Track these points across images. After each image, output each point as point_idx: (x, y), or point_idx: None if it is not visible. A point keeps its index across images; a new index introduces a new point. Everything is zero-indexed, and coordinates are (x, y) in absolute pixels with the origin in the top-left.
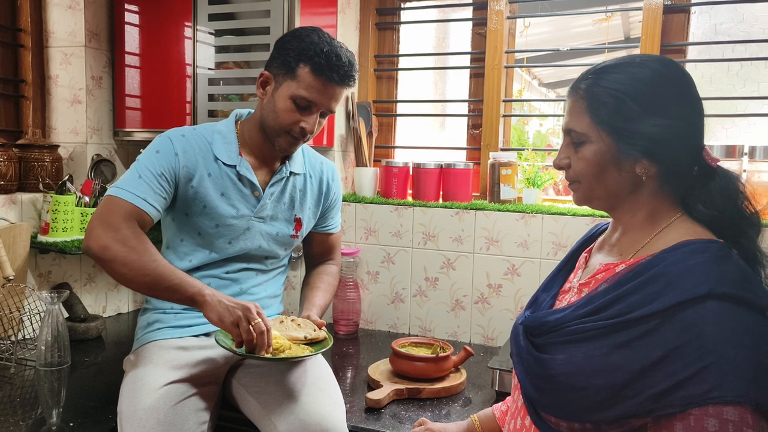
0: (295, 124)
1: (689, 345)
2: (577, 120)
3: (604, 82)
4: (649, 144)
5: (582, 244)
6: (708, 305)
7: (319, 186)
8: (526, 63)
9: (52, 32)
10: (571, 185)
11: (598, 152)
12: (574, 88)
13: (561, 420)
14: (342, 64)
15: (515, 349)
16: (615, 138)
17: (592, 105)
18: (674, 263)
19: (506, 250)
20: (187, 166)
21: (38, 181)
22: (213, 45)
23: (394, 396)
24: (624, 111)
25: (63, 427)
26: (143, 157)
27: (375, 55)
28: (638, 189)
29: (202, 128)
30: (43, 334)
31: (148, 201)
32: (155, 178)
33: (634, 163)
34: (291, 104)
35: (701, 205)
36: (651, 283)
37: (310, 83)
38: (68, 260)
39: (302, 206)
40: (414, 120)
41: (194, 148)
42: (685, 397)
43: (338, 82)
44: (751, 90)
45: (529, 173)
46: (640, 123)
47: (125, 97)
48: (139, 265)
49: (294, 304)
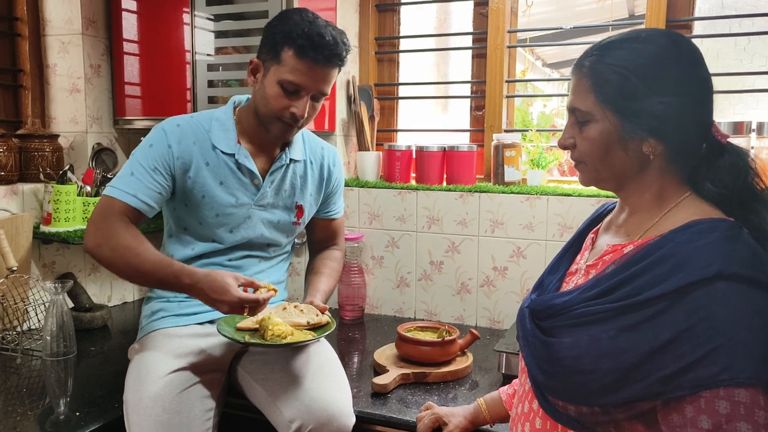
0: (285, 110)
1: (698, 327)
2: (581, 99)
3: (608, 59)
4: (656, 122)
5: (588, 225)
6: (717, 286)
7: (320, 172)
8: (529, 42)
9: (49, 20)
10: (576, 166)
11: (603, 132)
12: (578, 66)
13: (568, 403)
14: (325, 44)
15: (521, 333)
16: (620, 117)
17: (597, 83)
18: (682, 244)
19: (511, 232)
20: (182, 158)
21: (39, 172)
22: (211, 30)
23: (400, 380)
24: (629, 89)
25: (71, 416)
26: (137, 152)
27: (375, 37)
28: (645, 168)
29: (199, 116)
30: (48, 325)
31: (139, 198)
32: (148, 173)
33: (641, 143)
34: (279, 90)
35: (710, 183)
36: (659, 264)
37: (294, 66)
38: (72, 250)
39: (303, 193)
40: (416, 103)
41: (189, 138)
42: (695, 379)
43: (324, 63)
44: (758, 65)
45: (533, 154)
46: (645, 101)
47: (124, 85)
48: (123, 264)
49: (298, 290)
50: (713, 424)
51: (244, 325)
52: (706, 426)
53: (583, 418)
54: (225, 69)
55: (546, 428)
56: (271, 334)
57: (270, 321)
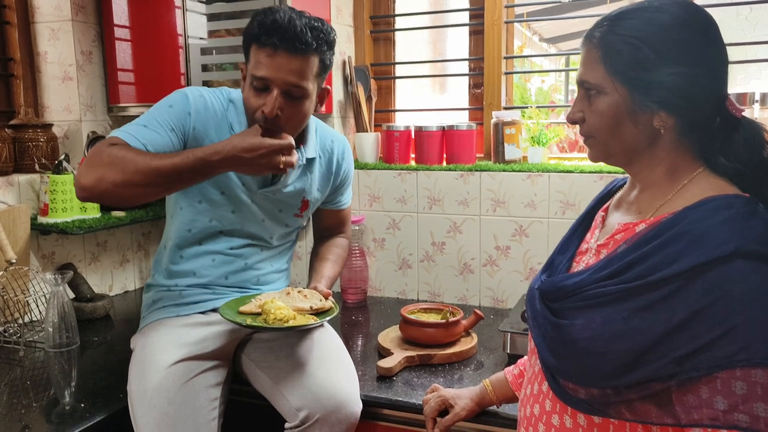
0: (257, 110)
1: (714, 306)
2: (591, 71)
3: (619, 29)
4: (667, 94)
5: (598, 202)
6: (734, 264)
7: (328, 165)
8: (526, 17)
9: (38, 7)
10: (586, 141)
11: (612, 104)
12: (588, 37)
13: (579, 386)
14: (279, 27)
15: (531, 314)
16: (630, 89)
17: (607, 54)
18: (697, 221)
19: (513, 211)
20: (198, 129)
21: (34, 162)
22: (204, 13)
23: (405, 363)
24: (640, 59)
25: (76, 407)
26: (154, 109)
27: (371, 16)
28: (656, 143)
29: (219, 92)
30: (49, 316)
31: (149, 148)
32: (164, 129)
33: (651, 116)
34: (251, 89)
35: (724, 158)
36: (673, 242)
37: (258, 59)
38: (71, 240)
39: (311, 188)
40: (414, 82)
41: (210, 111)
42: (711, 359)
43: (286, 49)
44: (761, 34)
45: (533, 131)
46: (656, 72)
47: (117, 72)
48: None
49: (301, 275)
50: (729, 404)
51: (246, 309)
52: (722, 407)
53: (594, 400)
54: (219, 52)
55: (556, 410)
56: (274, 317)
57: (273, 305)
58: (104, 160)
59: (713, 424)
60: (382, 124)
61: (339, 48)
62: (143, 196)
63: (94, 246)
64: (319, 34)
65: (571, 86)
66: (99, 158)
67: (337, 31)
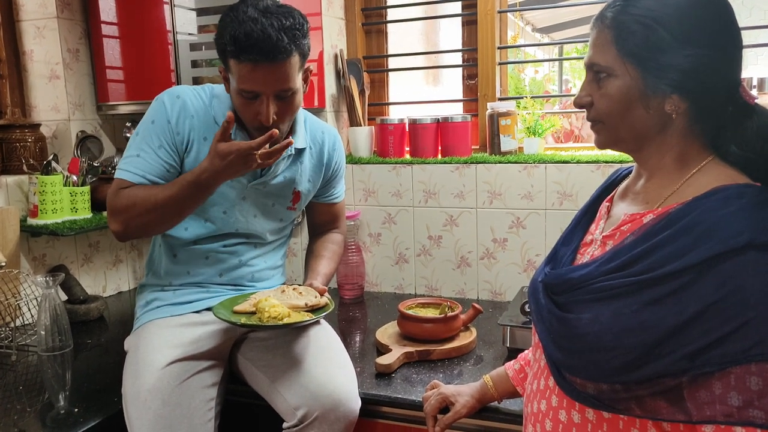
0: (254, 119)
1: (728, 300)
2: (601, 52)
3: (633, 9)
4: (681, 77)
5: (602, 192)
6: (748, 256)
7: (319, 157)
8: (519, 6)
9: (22, 5)
10: (593, 126)
11: (623, 87)
12: (600, 18)
13: (588, 381)
14: (254, 42)
15: (534, 308)
16: (642, 71)
17: (619, 35)
18: (709, 211)
19: (510, 202)
20: (181, 133)
21: (22, 163)
22: (192, 8)
23: (404, 359)
24: (654, 41)
25: (70, 411)
26: (141, 130)
27: (362, 8)
28: (666, 129)
29: (201, 90)
30: (41, 319)
31: (148, 178)
32: (154, 152)
33: (663, 100)
34: (240, 99)
35: (735, 147)
36: (683, 234)
37: (241, 74)
38: (62, 242)
39: (302, 180)
40: (407, 74)
41: (189, 111)
42: (724, 354)
43: (266, 60)
44: (757, 19)
45: (529, 122)
46: (670, 53)
47: (105, 70)
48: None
49: (296, 272)
50: (744, 400)
51: (240, 308)
52: (737, 403)
53: (602, 396)
54: (208, 48)
55: (563, 406)
56: (268, 315)
57: (267, 303)
58: (120, 207)
59: (727, 420)
60: (376, 118)
61: (330, 41)
62: (168, 226)
63: (86, 247)
64: (294, 32)
65: (565, 76)
66: (115, 206)
67: (329, 24)
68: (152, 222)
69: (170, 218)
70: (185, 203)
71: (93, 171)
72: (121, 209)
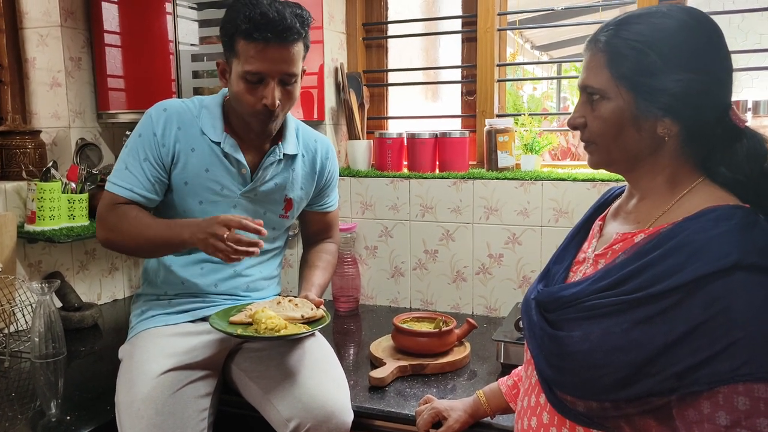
0: (257, 103)
1: (716, 320)
2: (594, 75)
3: (625, 34)
4: (672, 101)
5: (594, 211)
6: (736, 277)
7: (312, 165)
8: (518, 24)
9: (26, 12)
10: (586, 147)
11: (616, 110)
12: (593, 41)
13: (578, 399)
14: (270, 21)
15: (527, 325)
16: (635, 94)
17: (612, 58)
18: (698, 232)
19: (506, 218)
20: (167, 145)
21: (21, 169)
22: (195, 20)
23: (397, 373)
24: (646, 65)
25: (62, 420)
26: (129, 143)
27: (363, 23)
28: (658, 150)
29: (190, 101)
30: (35, 326)
31: (135, 191)
32: (140, 165)
33: (655, 122)
34: (244, 84)
35: (725, 169)
36: (673, 254)
37: (248, 54)
38: (58, 249)
39: (293, 187)
40: (406, 89)
41: (174, 124)
42: (712, 374)
43: (277, 41)
44: (753, 42)
45: (526, 139)
46: (662, 77)
47: (107, 78)
48: (131, 244)
49: (292, 283)
50: (732, 420)
51: (237, 319)
52: (725, 422)
53: (592, 414)
54: (210, 59)
55: (553, 423)
56: (264, 327)
57: (263, 314)
58: (110, 223)
59: None
60: (375, 131)
61: (331, 55)
62: (142, 255)
63: (83, 254)
64: (304, 21)
65: (563, 93)
66: (106, 220)
67: (330, 37)
68: (129, 248)
69: (144, 252)
70: (160, 248)
71: (92, 179)
72: (110, 226)
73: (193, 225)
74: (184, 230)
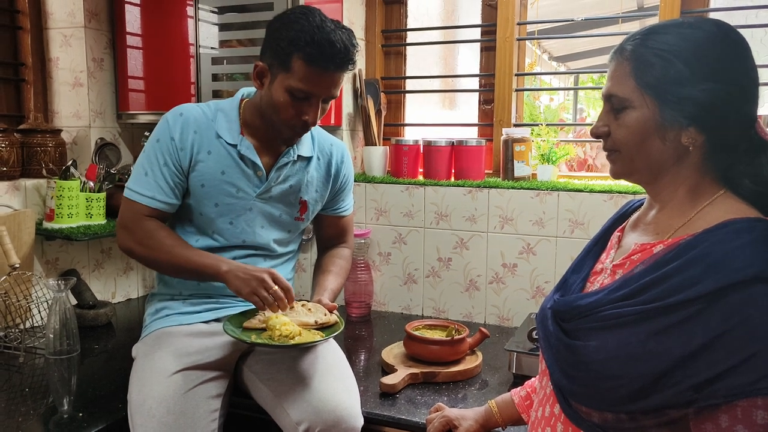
0: (296, 118)
1: (735, 332)
2: (620, 84)
3: (652, 43)
4: (697, 110)
5: (614, 223)
6: (756, 289)
7: (327, 168)
8: (537, 35)
9: (51, 13)
10: (609, 156)
11: (641, 119)
12: (619, 51)
13: (593, 410)
14: (337, 52)
15: (543, 334)
16: (660, 103)
17: (638, 67)
18: (718, 243)
19: (521, 228)
20: (185, 148)
21: (41, 167)
22: (215, 23)
23: (408, 380)
24: (672, 74)
25: (74, 416)
26: (148, 148)
27: (382, 30)
28: (682, 161)
29: (206, 105)
30: (51, 323)
31: (158, 199)
32: (160, 171)
33: (680, 132)
34: (288, 97)
35: (748, 181)
36: (692, 265)
37: (305, 75)
38: (75, 246)
39: (308, 189)
40: (424, 97)
41: (191, 127)
42: (730, 387)
43: (335, 70)
44: None
45: (543, 149)
46: (688, 87)
47: (128, 79)
48: (158, 260)
49: (305, 287)
50: None
51: (250, 324)
52: None
53: (607, 425)
54: (229, 62)
55: None
56: (279, 334)
57: (278, 321)
58: (139, 235)
59: None
60: (391, 138)
61: None
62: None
63: (99, 253)
64: (356, 49)
65: (580, 105)
66: (134, 231)
67: None
68: (156, 263)
69: (170, 270)
70: (187, 271)
71: (110, 178)
72: (137, 239)
73: (233, 263)
74: (223, 264)
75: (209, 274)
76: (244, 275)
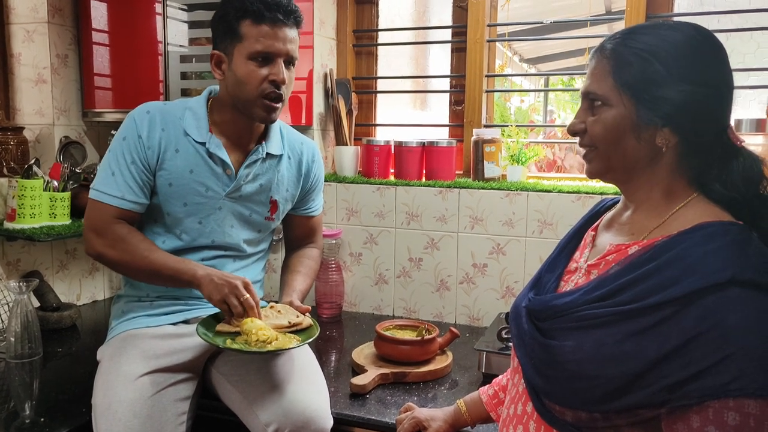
0: (264, 80)
1: (709, 334)
2: (598, 82)
3: (632, 43)
4: (673, 111)
5: (586, 222)
6: (731, 292)
7: (298, 167)
8: (507, 37)
9: (13, 8)
10: (585, 154)
11: (617, 117)
12: (600, 49)
13: (566, 409)
14: (280, 3)
15: (516, 332)
16: (636, 102)
17: (617, 66)
18: (693, 246)
19: (491, 228)
20: (152, 147)
21: (2, 166)
22: (184, 21)
23: (379, 381)
24: (649, 73)
25: (36, 421)
26: (114, 147)
27: (354, 30)
28: (656, 162)
29: (173, 104)
30: (11, 326)
31: (126, 198)
32: (128, 169)
33: (655, 132)
34: (251, 65)
35: (720, 186)
36: (668, 267)
37: (258, 34)
38: (38, 247)
39: (279, 188)
40: (395, 97)
41: (158, 125)
42: (703, 388)
43: (284, 21)
44: (736, 62)
45: (513, 150)
46: (665, 87)
47: (93, 77)
48: (132, 265)
49: (275, 288)
50: None
51: (223, 328)
52: None
53: (580, 424)
54: (198, 60)
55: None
56: (256, 339)
57: (253, 325)
58: (108, 240)
59: None
60: (362, 138)
61: (321, 60)
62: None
63: (63, 253)
64: (296, 6)
65: (550, 107)
66: (104, 237)
67: (320, 43)
68: (129, 268)
69: (143, 276)
70: (163, 277)
71: (75, 177)
72: (109, 242)
73: (210, 269)
74: (199, 269)
75: (185, 280)
76: (218, 280)
